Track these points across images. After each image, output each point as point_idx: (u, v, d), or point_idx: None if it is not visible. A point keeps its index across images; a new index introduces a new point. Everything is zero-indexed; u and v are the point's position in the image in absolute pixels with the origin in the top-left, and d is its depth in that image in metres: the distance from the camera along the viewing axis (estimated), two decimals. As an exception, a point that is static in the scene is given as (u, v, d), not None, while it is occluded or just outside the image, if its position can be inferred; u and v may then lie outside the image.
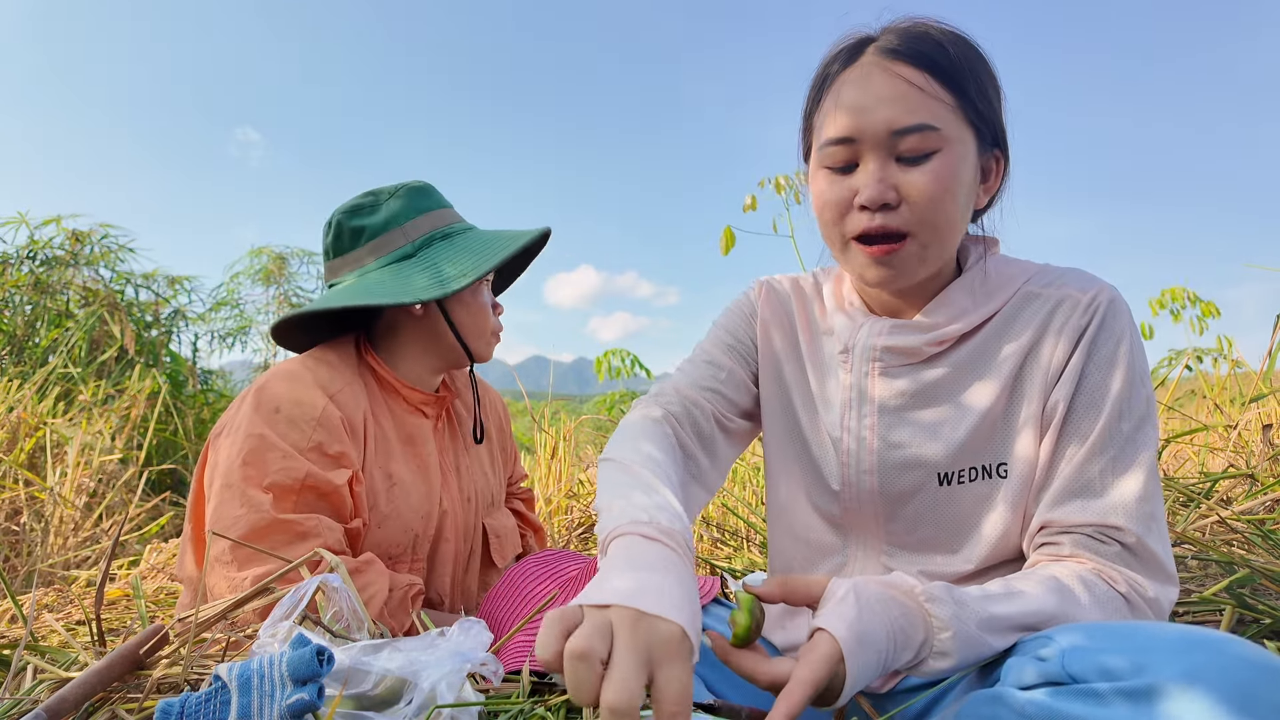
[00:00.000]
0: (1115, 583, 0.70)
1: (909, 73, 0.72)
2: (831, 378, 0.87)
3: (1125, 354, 0.74)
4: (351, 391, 1.08)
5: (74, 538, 2.21)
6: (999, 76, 0.78)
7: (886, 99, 0.72)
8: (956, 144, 0.73)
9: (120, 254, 4.27)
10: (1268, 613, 1.05)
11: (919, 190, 0.72)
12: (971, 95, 0.73)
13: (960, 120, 0.73)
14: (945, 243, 0.75)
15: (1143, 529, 0.71)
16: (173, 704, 0.62)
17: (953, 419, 0.79)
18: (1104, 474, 0.73)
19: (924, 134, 0.71)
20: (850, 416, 0.83)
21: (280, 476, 0.96)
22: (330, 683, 0.66)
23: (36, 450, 2.49)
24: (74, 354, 3.64)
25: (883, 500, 0.82)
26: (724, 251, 3.10)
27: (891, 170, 0.73)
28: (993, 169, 0.80)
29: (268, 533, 0.94)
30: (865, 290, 0.87)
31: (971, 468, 0.78)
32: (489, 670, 0.72)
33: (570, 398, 5.00)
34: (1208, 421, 2.05)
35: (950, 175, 0.72)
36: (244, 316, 5.38)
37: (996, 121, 0.77)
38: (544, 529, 1.49)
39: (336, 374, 1.09)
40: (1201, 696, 0.49)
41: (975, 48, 0.77)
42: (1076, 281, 0.79)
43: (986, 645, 0.64)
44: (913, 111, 0.71)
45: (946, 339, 0.80)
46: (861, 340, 0.83)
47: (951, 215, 0.74)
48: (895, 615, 0.62)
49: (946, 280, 0.82)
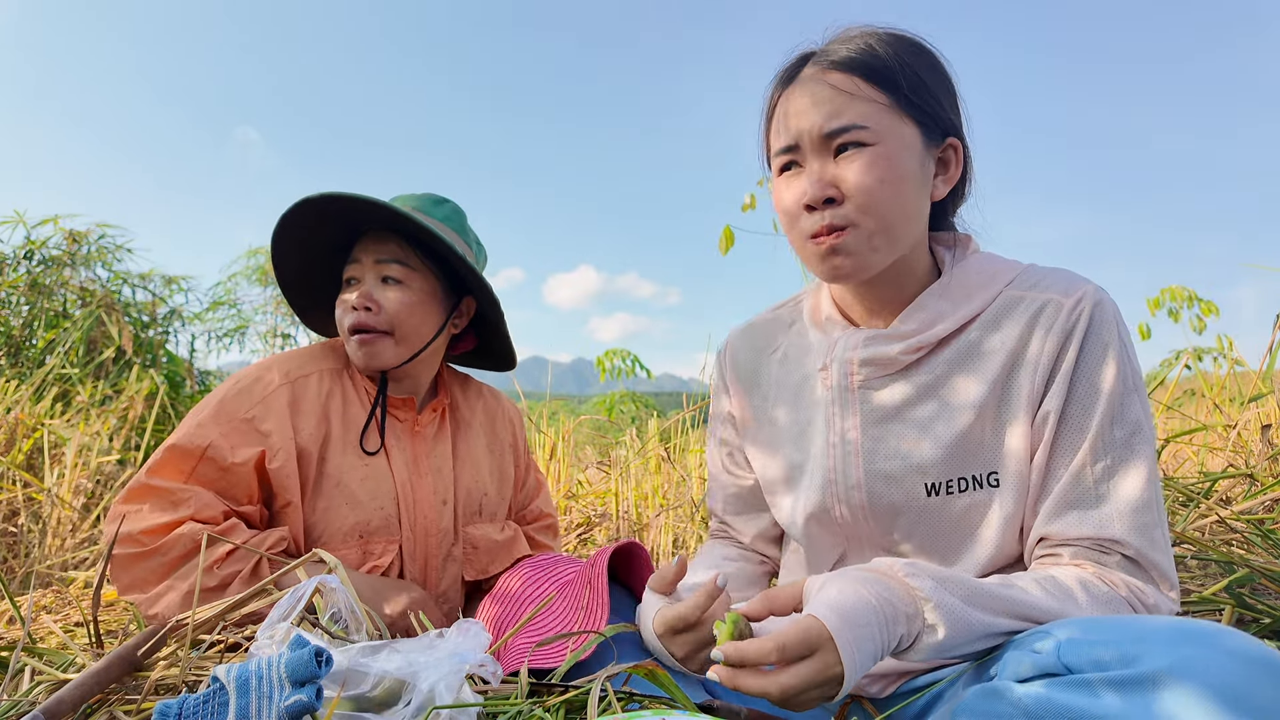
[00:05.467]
0: (1116, 586, 0.70)
1: (839, 79, 0.76)
2: (813, 397, 0.87)
3: (1115, 358, 0.74)
4: (317, 379, 1.14)
5: (72, 539, 2.20)
6: (947, 70, 0.81)
7: (816, 105, 0.76)
8: (892, 137, 0.75)
9: (117, 254, 4.26)
10: (1267, 612, 1.05)
11: (854, 181, 0.75)
12: (905, 90, 0.76)
13: (895, 115, 0.76)
14: (894, 230, 0.77)
15: (1142, 540, 0.70)
16: (171, 705, 0.62)
17: (936, 428, 0.78)
18: (1100, 483, 0.72)
19: (853, 132, 0.75)
20: (834, 433, 0.83)
21: (185, 440, 1.05)
22: (329, 684, 0.66)
23: (34, 451, 2.48)
24: (71, 354, 3.63)
25: (873, 514, 0.81)
26: (723, 251, 3.10)
27: (829, 168, 0.76)
28: (951, 159, 0.81)
29: (140, 495, 1.03)
30: (841, 298, 0.87)
31: (960, 478, 0.77)
32: (487, 671, 0.71)
33: (569, 398, 4.99)
34: (1207, 421, 2.05)
35: (886, 165, 0.75)
36: (241, 316, 5.37)
37: (943, 112, 0.79)
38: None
39: (310, 361, 1.16)
40: (1195, 687, 0.49)
41: (914, 46, 0.79)
42: (1061, 283, 0.78)
43: (976, 620, 0.64)
44: (841, 112, 0.75)
45: (924, 345, 0.79)
46: (838, 355, 0.83)
47: (897, 202, 0.76)
48: (878, 590, 0.63)
49: (922, 284, 0.82)
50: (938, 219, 0.86)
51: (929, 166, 0.79)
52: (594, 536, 2.25)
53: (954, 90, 0.81)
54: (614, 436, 3.29)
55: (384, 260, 1.14)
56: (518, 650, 0.87)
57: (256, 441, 1.06)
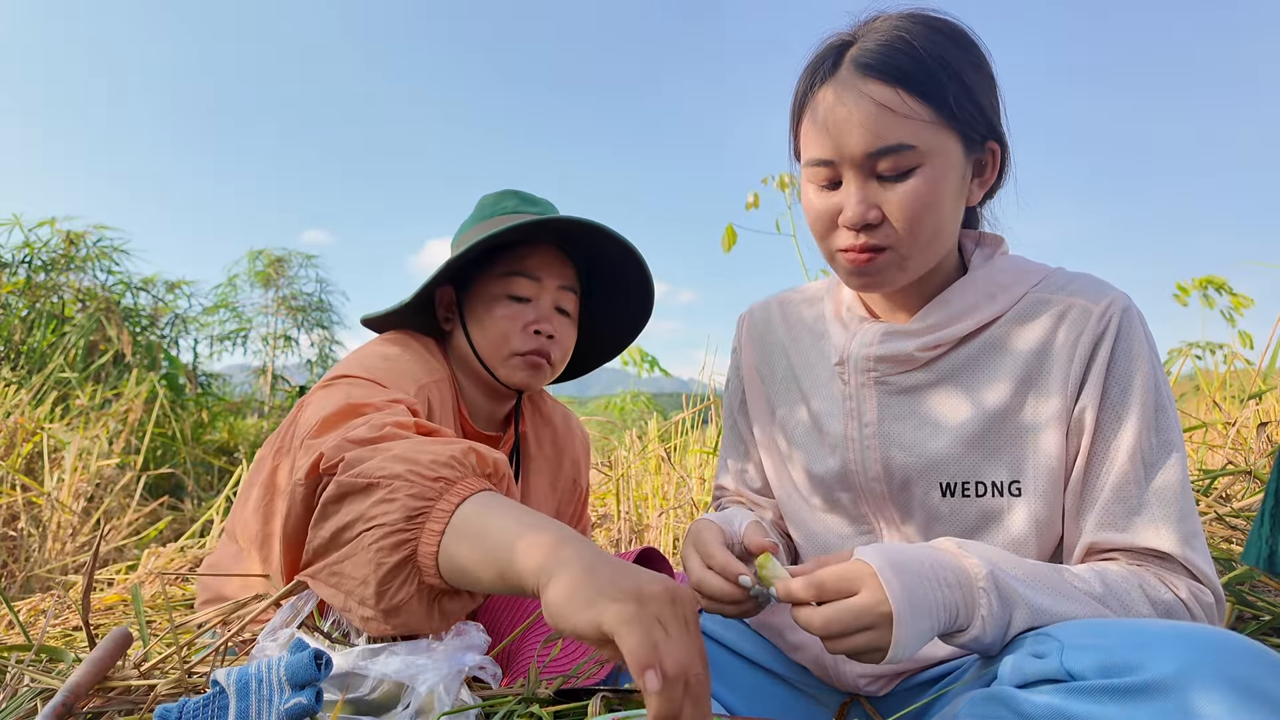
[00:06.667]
0: (1176, 588, 0.68)
1: (881, 92, 0.71)
2: (831, 391, 0.85)
3: (1148, 366, 0.73)
4: (439, 390, 1.02)
5: (71, 543, 2.20)
6: (990, 63, 0.77)
7: (859, 122, 0.71)
8: (936, 156, 0.72)
9: (115, 256, 4.26)
10: (1266, 609, 1.05)
11: (899, 209, 0.72)
12: (950, 100, 0.72)
13: (940, 129, 0.72)
14: (928, 252, 0.75)
15: (1188, 550, 0.69)
16: (170, 709, 0.62)
17: (953, 425, 0.77)
18: (1141, 493, 0.71)
19: (900, 154, 0.71)
20: (853, 427, 0.82)
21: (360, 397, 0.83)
22: (330, 688, 0.66)
23: (34, 455, 2.48)
24: (70, 358, 3.63)
25: (896, 505, 0.81)
26: (725, 249, 3.10)
27: (872, 189, 0.73)
28: (988, 162, 0.79)
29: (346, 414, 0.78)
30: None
31: (979, 482, 0.76)
32: (487, 674, 0.71)
33: (571, 398, 5.00)
34: (1206, 418, 2.05)
35: (931, 189, 0.72)
36: (242, 319, 5.38)
37: (984, 116, 0.75)
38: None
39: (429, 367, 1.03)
40: (1199, 693, 0.49)
41: (956, 38, 0.75)
42: (1090, 289, 0.76)
43: (1020, 599, 0.63)
44: (886, 134, 0.71)
45: (943, 343, 0.78)
46: (855, 351, 0.81)
47: (936, 226, 0.74)
48: (930, 555, 0.63)
49: (948, 281, 0.80)
50: (966, 215, 0.83)
51: (968, 175, 0.77)
52: (594, 537, 2.25)
53: (995, 86, 0.77)
54: (616, 438, 3.29)
55: (565, 288, 1.09)
56: (526, 655, 0.86)
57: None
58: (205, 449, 3.76)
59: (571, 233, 1.09)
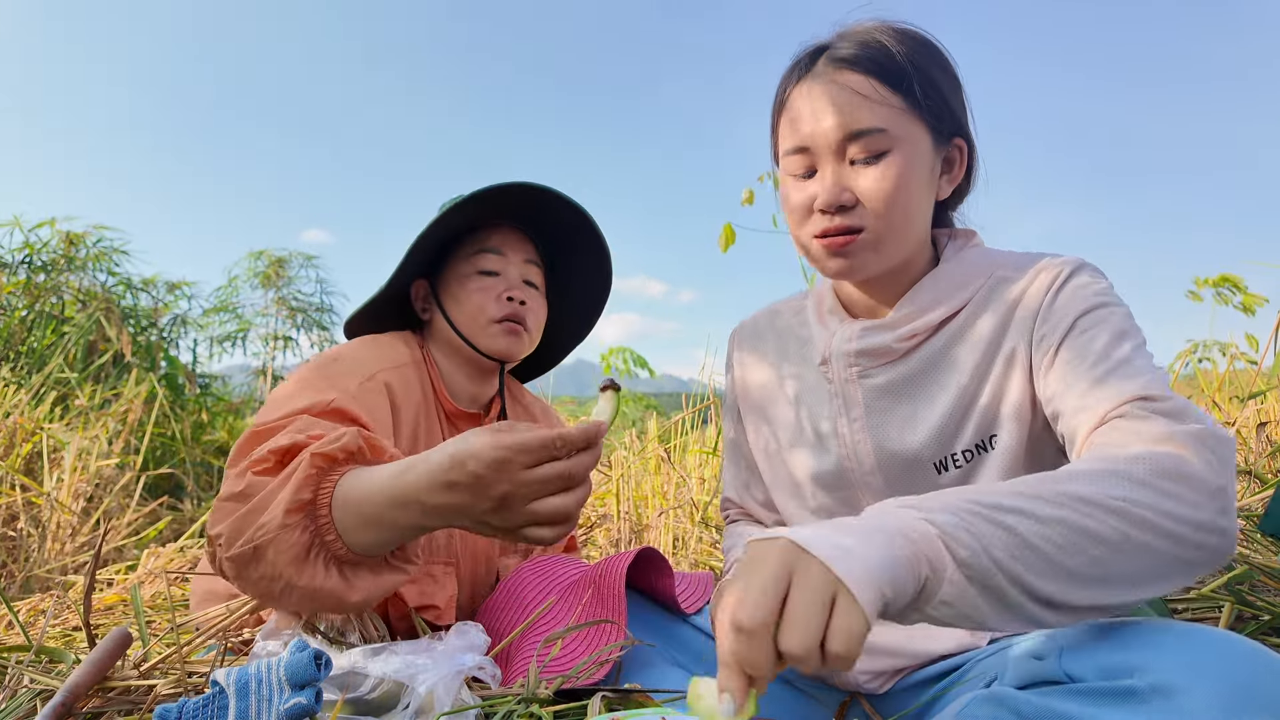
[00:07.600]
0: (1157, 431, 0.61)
1: (855, 80, 0.76)
2: (818, 392, 0.88)
3: (1103, 293, 0.73)
4: (401, 375, 1.04)
5: (71, 543, 2.20)
6: (955, 68, 0.81)
7: (834, 108, 0.76)
8: (906, 142, 0.76)
9: (115, 256, 4.26)
10: (1266, 609, 1.05)
11: (872, 190, 0.76)
12: (919, 93, 0.76)
13: (910, 119, 0.76)
14: (900, 236, 0.78)
15: (1166, 390, 0.65)
16: (170, 709, 0.62)
17: (938, 404, 0.80)
18: (1116, 366, 0.68)
19: (872, 137, 0.75)
20: (842, 424, 0.84)
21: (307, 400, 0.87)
22: (330, 688, 0.66)
23: (33, 455, 2.48)
24: (70, 358, 3.63)
25: (896, 495, 0.81)
26: (723, 248, 3.09)
27: (845, 173, 0.77)
28: (956, 159, 0.83)
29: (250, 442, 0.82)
30: (844, 292, 0.89)
31: (965, 450, 0.79)
32: (486, 674, 0.71)
33: (570, 400, 5.00)
34: (1205, 418, 2.05)
35: (902, 173, 0.75)
36: (242, 320, 5.37)
37: (952, 114, 0.80)
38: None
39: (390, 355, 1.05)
40: (1200, 695, 0.49)
41: (925, 44, 0.80)
42: (1048, 259, 0.79)
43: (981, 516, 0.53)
44: (859, 117, 0.75)
45: (918, 332, 0.81)
46: (836, 348, 0.84)
47: (906, 210, 0.77)
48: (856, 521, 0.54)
49: (923, 274, 0.84)
50: (938, 215, 0.87)
51: (936, 168, 0.81)
52: (594, 537, 2.25)
53: (961, 89, 0.82)
54: (616, 438, 3.29)
55: (530, 262, 1.15)
56: (525, 655, 0.86)
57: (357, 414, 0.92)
58: (205, 449, 3.76)
59: (526, 212, 1.15)
